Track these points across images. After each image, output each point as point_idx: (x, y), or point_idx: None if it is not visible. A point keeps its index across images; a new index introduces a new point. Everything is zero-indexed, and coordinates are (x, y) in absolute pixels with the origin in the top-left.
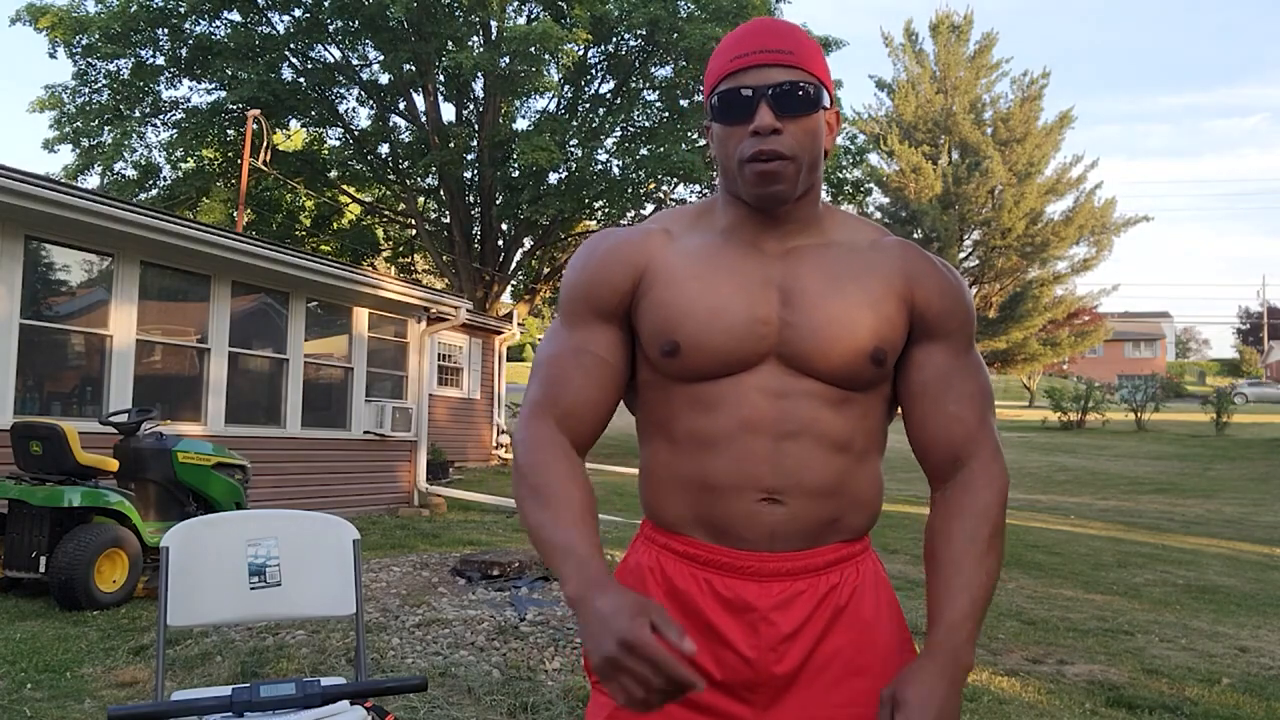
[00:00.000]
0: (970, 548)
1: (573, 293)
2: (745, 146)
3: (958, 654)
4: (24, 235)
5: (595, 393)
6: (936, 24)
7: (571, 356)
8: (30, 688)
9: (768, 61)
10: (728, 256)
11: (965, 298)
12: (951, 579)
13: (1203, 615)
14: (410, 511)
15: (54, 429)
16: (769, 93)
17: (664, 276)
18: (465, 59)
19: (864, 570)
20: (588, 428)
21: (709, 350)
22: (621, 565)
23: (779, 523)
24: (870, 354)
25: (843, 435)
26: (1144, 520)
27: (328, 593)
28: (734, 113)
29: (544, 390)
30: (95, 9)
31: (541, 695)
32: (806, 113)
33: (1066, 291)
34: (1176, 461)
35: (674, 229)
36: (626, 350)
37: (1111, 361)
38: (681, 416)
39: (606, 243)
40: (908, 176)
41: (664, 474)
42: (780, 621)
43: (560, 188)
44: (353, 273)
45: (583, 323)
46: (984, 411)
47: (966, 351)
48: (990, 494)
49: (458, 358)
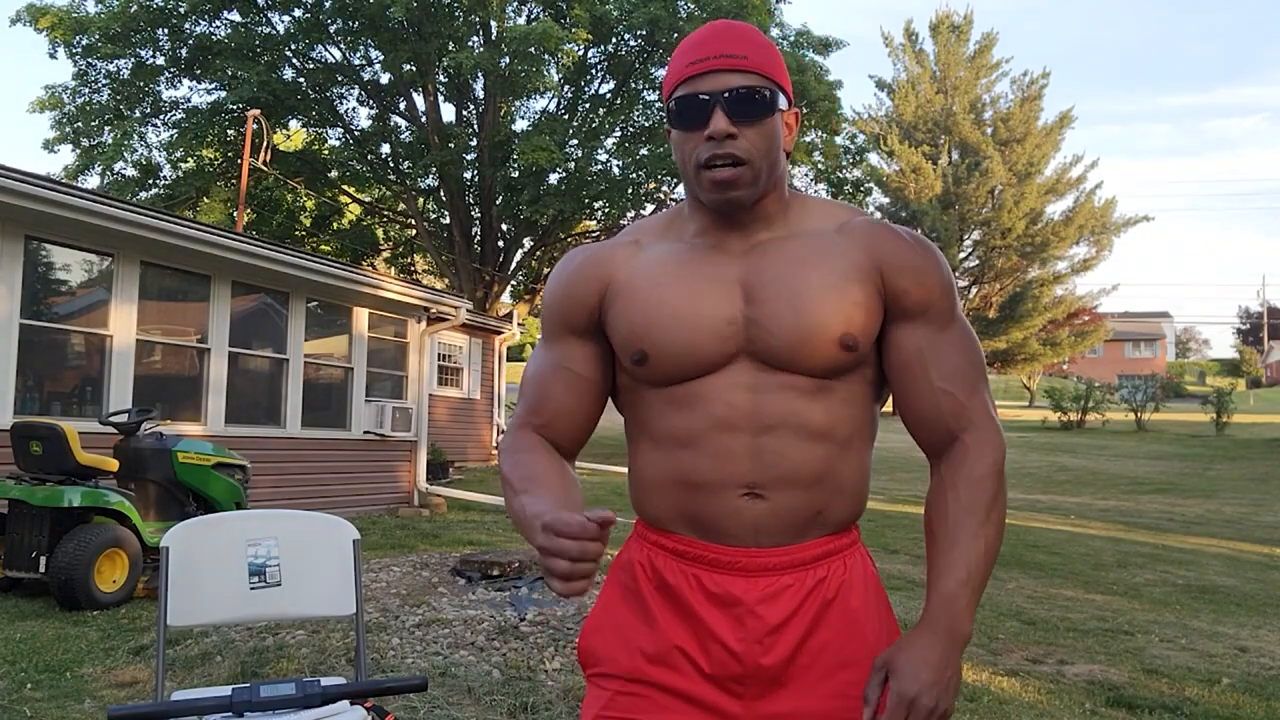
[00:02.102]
0: (966, 519)
1: (548, 312)
2: (701, 151)
3: (953, 622)
4: (24, 235)
5: (574, 404)
6: (936, 24)
7: (550, 373)
8: (30, 688)
9: (723, 67)
10: (691, 261)
11: (938, 270)
12: (948, 550)
13: (1203, 615)
14: (410, 511)
15: (54, 429)
16: (724, 97)
17: (628, 288)
18: (465, 59)
19: (851, 564)
20: (569, 438)
21: (676, 355)
22: (614, 561)
23: (761, 517)
24: (839, 340)
25: (822, 425)
26: (1144, 520)
27: (328, 593)
28: (690, 118)
29: (526, 406)
30: (95, 9)
31: (541, 695)
32: (762, 116)
33: (1066, 291)
34: (1176, 461)
35: (643, 239)
36: (604, 361)
37: (1111, 361)
38: (660, 418)
39: (575, 261)
40: (908, 176)
41: (649, 473)
42: (767, 614)
43: (560, 188)
44: (353, 273)
45: (559, 340)
46: (973, 382)
47: (948, 324)
48: (984, 464)
49: (458, 358)
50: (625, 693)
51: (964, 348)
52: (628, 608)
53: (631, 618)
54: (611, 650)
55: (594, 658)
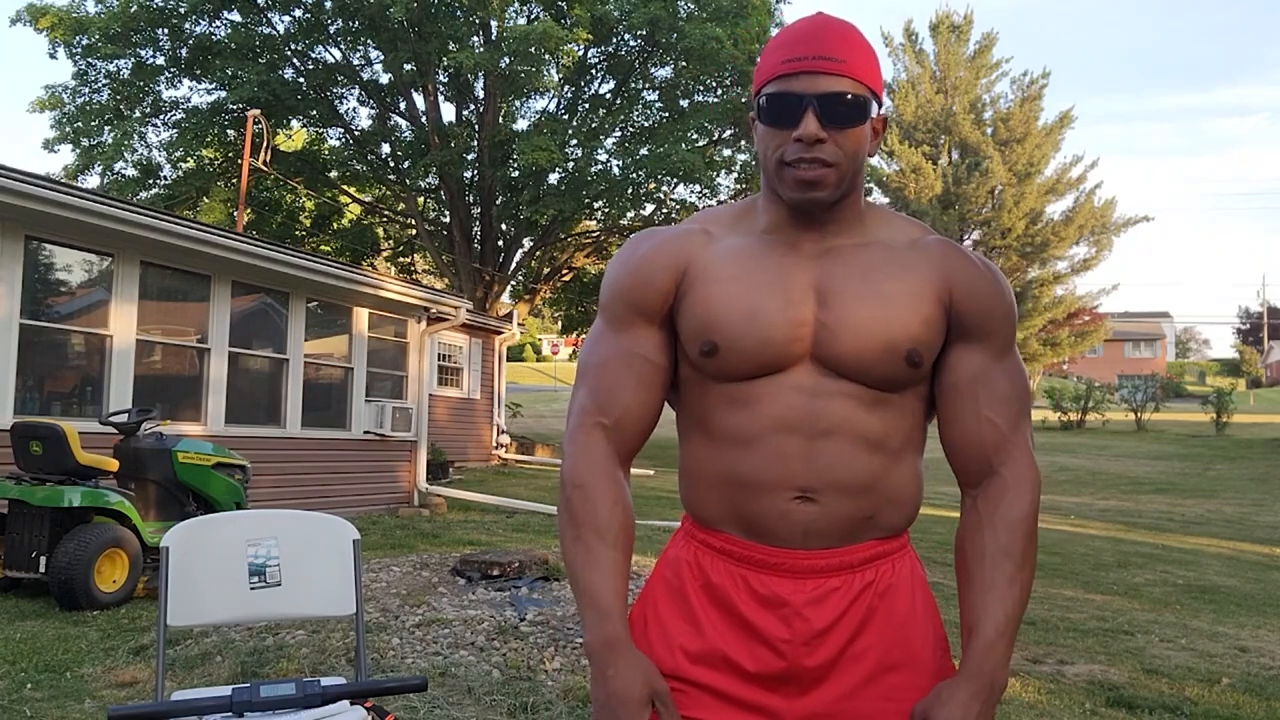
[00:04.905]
0: (1004, 562)
1: (615, 295)
2: (788, 151)
3: (993, 676)
4: (24, 235)
5: (644, 396)
6: (936, 24)
7: (619, 361)
8: (30, 688)
9: (819, 69)
10: (766, 257)
11: (1005, 299)
12: (985, 595)
13: (1203, 615)
14: (410, 511)
15: (54, 429)
16: (816, 101)
17: (704, 276)
18: (466, 59)
19: (900, 568)
20: (637, 433)
21: (746, 351)
22: (661, 558)
23: (812, 520)
24: (905, 355)
25: (878, 435)
26: (1144, 520)
27: (328, 593)
28: (780, 116)
29: (593, 398)
30: (95, 9)
31: (541, 695)
32: (853, 124)
33: (1066, 291)
34: (1176, 461)
35: (713, 229)
36: (671, 350)
37: (1111, 361)
38: (718, 414)
39: (648, 243)
40: (908, 176)
41: (701, 471)
42: (813, 617)
43: (560, 188)
44: (353, 273)
45: (628, 325)
46: (1018, 417)
47: (1004, 354)
48: (1022, 504)
49: (458, 358)
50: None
51: (1015, 380)
52: (672, 606)
53: (675, 616)
54: (653, 648)
55: None
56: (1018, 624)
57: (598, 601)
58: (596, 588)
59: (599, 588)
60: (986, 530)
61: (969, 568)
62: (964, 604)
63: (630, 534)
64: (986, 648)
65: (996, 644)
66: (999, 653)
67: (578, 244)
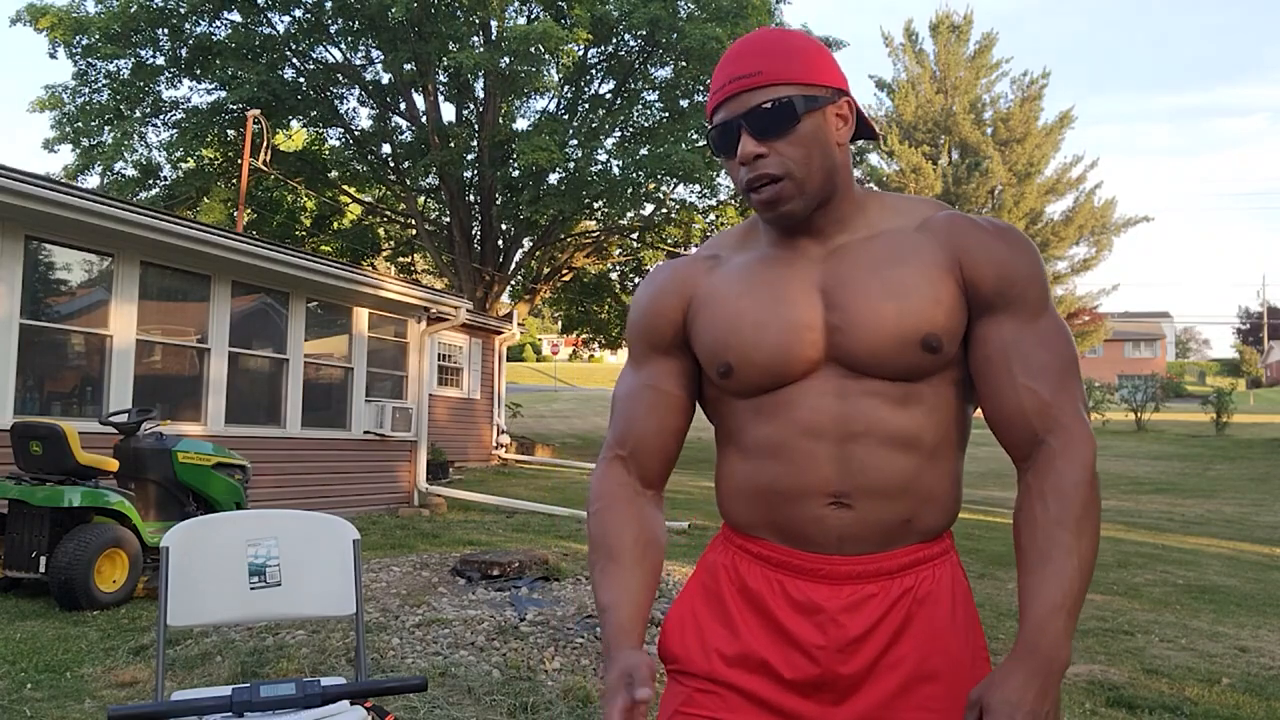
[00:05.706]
0: (1058, 533)
1: (633, 332)
2: (741, 175)
3: (1050, 652)
4: (24, 235)
5: (657, 424)
6: (936, 24)
7: (635, 395)
8: (30, 688)
9: (740, 89)
10: (770, 269)
11: (1024, 260)
12: (1039, 568)
13: (1203, 615)
14: (410, 511)
15: (54, 429)
16: (744, 121)
17: (709, 301)
18: (466, 59)
19: (941, 575)
20: (656, 460)
21: (760, 365)
22: (700, 562)
23: (846, 526)
24: (921, 342)
25: (909, 432)
26: (1144, 520)
27: (328, 593)
28: (724, 145)
29: (613, 432)
30: (95, 9)
31: (541, 695)
32: (784, 129)
33: (1067, 291)
34: (1176, 461)
35: (722, 252)
36: (690, 377)
37: (1111, 361)
38: (747, 427)
39: (656, 280)
40: (908, 176)
41: (735, 481)
42: (849, 624)
43: (560, 188)
44: (353, 273)
45: (645, 359)
46: (1061, 378)
47: (1037, 317)
48: (1073, 470)
49: (458, 358)
50: (705, 691)
51: (1052, 342)
52: (708, 609)
53: (711, 620)
54: (689, 650)
55: (671, 655)
56: (1079, 598)
57: (603, 613)
58: (601, 600)
59: (602, 600)
60: (1037, 503)
61: (1022, 543)
62: (1020, 583)
63: (649, 549)
64: (1040, 623)
65: (1052, 618)
66: (1056, 627)
67: (578, 244)
